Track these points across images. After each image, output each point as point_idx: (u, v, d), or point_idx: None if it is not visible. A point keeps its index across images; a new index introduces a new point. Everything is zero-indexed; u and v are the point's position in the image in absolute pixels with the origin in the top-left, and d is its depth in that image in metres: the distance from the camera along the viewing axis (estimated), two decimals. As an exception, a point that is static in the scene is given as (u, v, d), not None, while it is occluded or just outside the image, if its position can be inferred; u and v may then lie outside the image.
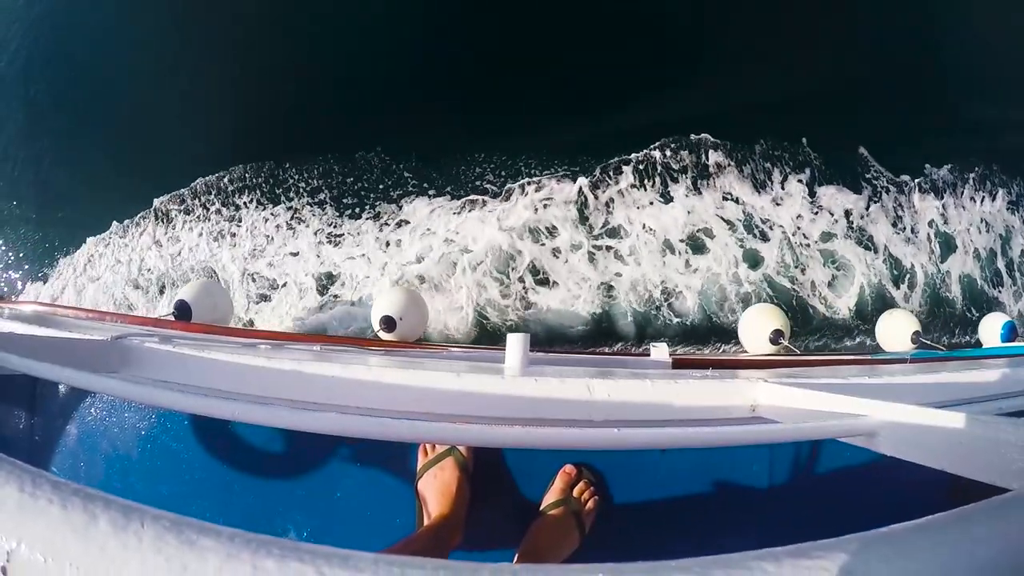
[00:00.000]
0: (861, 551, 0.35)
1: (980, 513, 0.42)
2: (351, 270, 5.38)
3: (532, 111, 5.91)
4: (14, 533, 0.32)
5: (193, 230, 5.91)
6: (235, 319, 4.75)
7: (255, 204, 5.85)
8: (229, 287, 5.35)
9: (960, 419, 0.74)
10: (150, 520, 0.31)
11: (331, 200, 5.73)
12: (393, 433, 0.70)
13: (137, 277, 5.88)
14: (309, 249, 5.54)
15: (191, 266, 5.75)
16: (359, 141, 5.92)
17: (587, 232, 5.40)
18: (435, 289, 5.14)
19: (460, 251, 5.28)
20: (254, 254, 5.63)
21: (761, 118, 5.90)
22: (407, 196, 5.63)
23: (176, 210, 6.03)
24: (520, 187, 5.52)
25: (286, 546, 0.30)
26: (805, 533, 0.38)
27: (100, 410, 1.57)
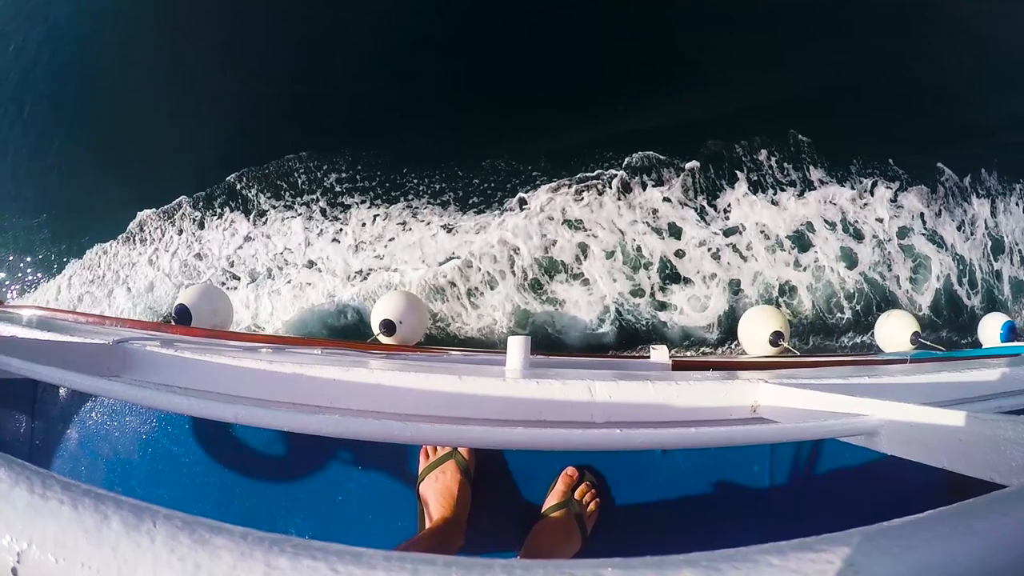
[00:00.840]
0: (864, 544, 0.35)
1: (980, 507, 0.43)
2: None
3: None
4: (24, 534, 0.32)
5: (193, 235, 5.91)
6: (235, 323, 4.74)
7: (282, 205, 5.86)
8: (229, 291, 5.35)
9: (960, 417, 0.74)
10: (162, 519, 0.31)
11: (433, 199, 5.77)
12: (395, 435, 0.70)
13: (139, 282, 5.88)
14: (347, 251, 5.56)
15: (192, 270, 5.76)
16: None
17: (712, 230, 5.51)
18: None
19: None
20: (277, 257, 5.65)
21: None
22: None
23: (179, 214, 6.04)
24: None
25: (299, 544, 0.30)
26: (807, 532, 0.39)
27: (101, 413, 1.57)
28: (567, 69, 6.12)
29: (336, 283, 5.35)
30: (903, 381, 1.27)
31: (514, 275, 5.21)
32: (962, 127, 6.42)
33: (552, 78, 6.09)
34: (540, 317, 5.11)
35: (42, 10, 7.72)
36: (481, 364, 1.71)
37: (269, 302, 5.36)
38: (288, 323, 5.23)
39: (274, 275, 5.52)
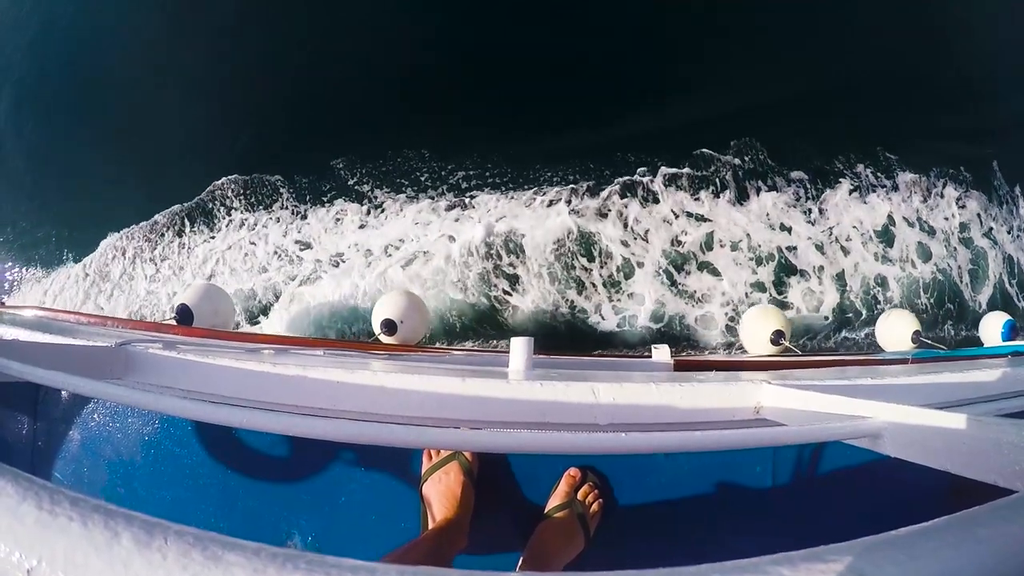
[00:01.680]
0: (872, 554, 0.36)
1: (986, 515, 0.43)
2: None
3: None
4: (34, 551, 0.32)
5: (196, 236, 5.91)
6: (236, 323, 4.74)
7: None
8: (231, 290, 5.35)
9: (963, 420, 0.74)
10: (174, 536, 0.31)
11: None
12: (400, 440, 0.70)
13: (142, 282, 5.88)
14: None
15: (193, 270, 5.76)
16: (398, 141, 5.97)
17: (821, 230, 5.62)
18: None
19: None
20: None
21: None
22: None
23: (179, 216, 6.04)
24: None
25: (312, 560, 0.30)
26: (810, 534, 0.39)
27: (103, 415, 1.57)
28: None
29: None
30: (905, 382, 1.27)
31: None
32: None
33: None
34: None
35: (45, 6, 7.73)
36: (484, 365, 1.71)
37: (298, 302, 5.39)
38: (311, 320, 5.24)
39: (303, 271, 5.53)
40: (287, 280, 5.49)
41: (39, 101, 7.25)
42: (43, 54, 7.41)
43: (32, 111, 7.23)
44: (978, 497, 0.50)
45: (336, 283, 5.34)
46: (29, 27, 7.69)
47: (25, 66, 7.48)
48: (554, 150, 5.74)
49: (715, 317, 5.26)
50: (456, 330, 5.08)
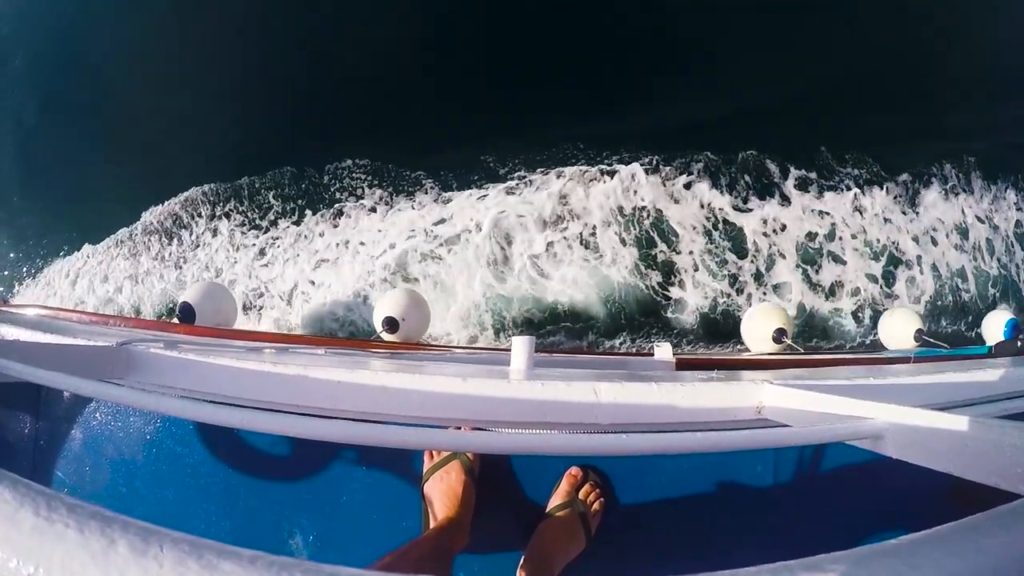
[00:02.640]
0: (872, 563, 0.35)
1: (988, 523, 0.43)
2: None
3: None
4: (31, 558, 0.32)
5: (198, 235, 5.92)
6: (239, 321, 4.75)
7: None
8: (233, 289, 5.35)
9: (965, 422, 0.74)
10: (170, 544, 0.31)
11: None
12: (401, 441, 0.70)
13: (140, 282, 5.89)
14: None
15: (195, 270, 5.77)
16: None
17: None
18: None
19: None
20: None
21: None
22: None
23: (182, 216, 6.04)
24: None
25: (308, 568, 0.30)
26: (811, 535, 0.39)
27: (105, 415, 1.57)
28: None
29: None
30: (908, 382, 1.27)
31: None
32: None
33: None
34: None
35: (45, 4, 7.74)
36: (485, 364, 1.71)
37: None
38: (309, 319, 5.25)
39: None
40: (288, 278, 5.49)
41: (39, 100, 7.25)
42: (43, 54, 7.41)
43: (32, 109, 7.22)
44: (980, 499, 0.50)
45: (341, 281, 5.34)
46: (30, 25, 7.71)
47: (25, 66, 7.48)
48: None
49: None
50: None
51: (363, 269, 5.35)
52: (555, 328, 5.09)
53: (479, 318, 5.11)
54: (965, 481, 0.71)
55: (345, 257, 5.46)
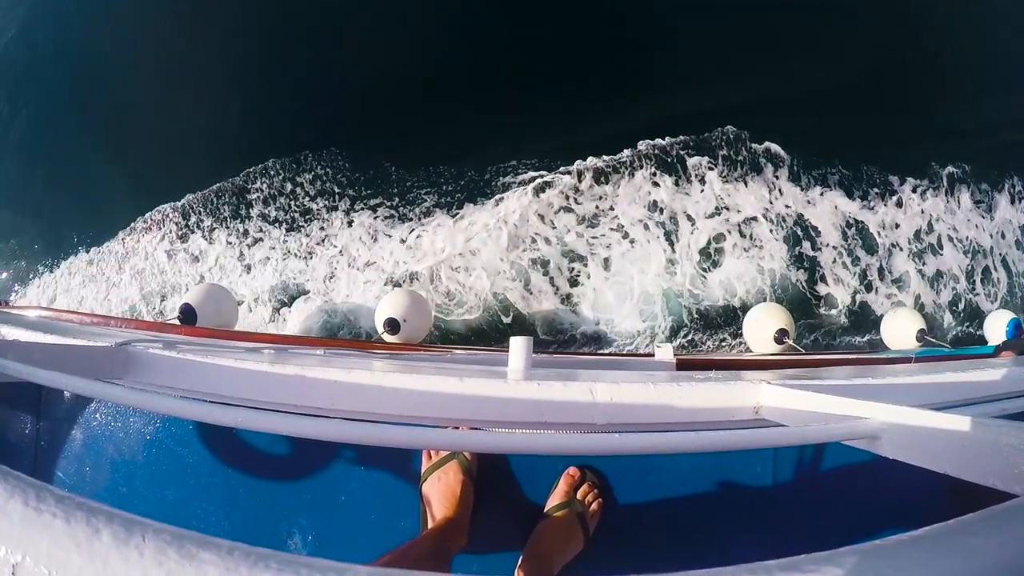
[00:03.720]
0: (855, 565, 0.35)
1: (979, 523, 0.42)
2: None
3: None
4: (19, 546, 0.33)
5: (200, 236, 5.93)
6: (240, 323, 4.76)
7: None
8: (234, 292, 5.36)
9: (962, 422, 0.74)
10: (151, 534, 0.31)
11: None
12: (398, 440, 0.70)
13: (142, 282, 5.90)
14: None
15: (197, 271, 5.78)
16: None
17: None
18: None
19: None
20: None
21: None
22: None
23: (183, 215, 6.06)
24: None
25: (283, 560, 0.30)
26: (808, 535, 0.39)
27: (106, 415, 1.57)
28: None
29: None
30: (906, 382, 1.27)
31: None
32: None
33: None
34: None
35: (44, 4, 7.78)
36: (484, 364, 1.71)
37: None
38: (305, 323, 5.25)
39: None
40: (291, 280, 5.49)
41: (40, 99, 7.28)
42: (44, 53, 7.45)
43: (33, 108, 7.26)
44: (977, 499, 0.49)
45: (343, 284, 5.35)
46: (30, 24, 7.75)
47: (25, 65, 7.52)
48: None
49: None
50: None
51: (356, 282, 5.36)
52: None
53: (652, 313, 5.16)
54: (962, 482, 0.71)
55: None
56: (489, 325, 5.06)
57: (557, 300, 5.19)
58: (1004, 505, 0.47)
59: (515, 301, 5.15)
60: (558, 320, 5.11)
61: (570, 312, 5.14)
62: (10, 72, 7.51)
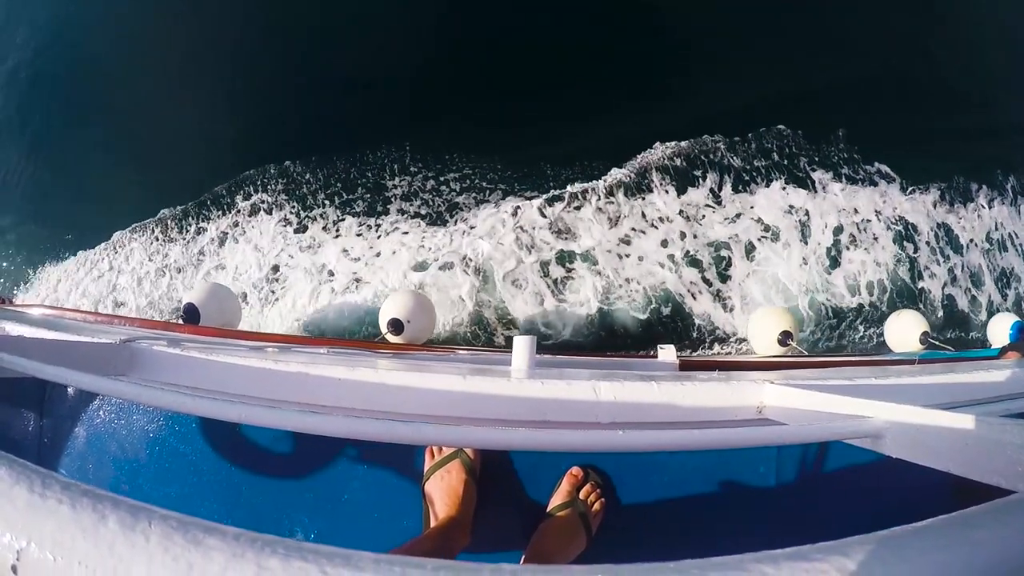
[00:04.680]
0: (860, 554, 0.35)
1: (981, 516, 0.42)
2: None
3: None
4: (24, 532, 0.33)
5: (202, 235, 5.95)
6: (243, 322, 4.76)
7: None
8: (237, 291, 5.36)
9: (966, 420, 0.74)
10: (158, 520, 0.32)
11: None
12: (401, 436, 0.70)
13: (144, 281, 5.92)
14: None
15: (199, 270, 5.79)
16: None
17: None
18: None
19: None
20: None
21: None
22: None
23: (183, 216, 6.07)
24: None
25: (290, 546, 0.30)
26: (812, 534, 0.38)
27: (108, 412, 1.58)
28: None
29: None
30: (910, 382, 1.27)
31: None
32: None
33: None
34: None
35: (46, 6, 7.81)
36: (487, 364, 1.71)
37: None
38: (301, 322, 5.25)
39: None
40: (294, 282, 5.50)
41: (40, 99, 7.31)
42: (43, 54, 7.48)
43: (34, 109, 7.29)
44: (980, 498, 0.49)
45: (345, 285, 5.35)
46: (30, 24, 7.78)
47: (26, 66, 7.55)
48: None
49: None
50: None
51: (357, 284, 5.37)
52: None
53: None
54: (966, 480, 0.71)
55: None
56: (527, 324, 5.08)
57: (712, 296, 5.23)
58: (1007, 499, 0.47)
59: (677, 293, 5.20)
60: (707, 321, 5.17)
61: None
62: (15, 75, 7.54)
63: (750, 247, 5.39)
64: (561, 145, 5.78)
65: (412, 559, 0.31)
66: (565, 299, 5.14)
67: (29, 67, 7.52)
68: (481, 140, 5.81)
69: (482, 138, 5.82)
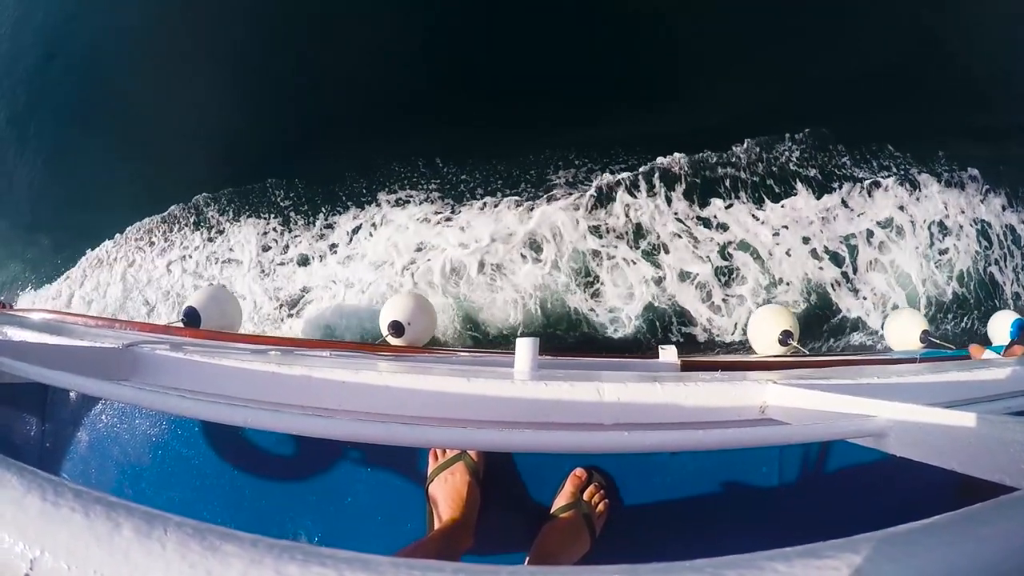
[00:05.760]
0: (870, 551, 0.35)
1: (987, 513, 0.43)
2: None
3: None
4: (37, 541, 0.33)
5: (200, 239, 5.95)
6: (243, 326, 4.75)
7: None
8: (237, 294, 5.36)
9: (969, 418, 0.74)
10: (173, 527, 0.31)
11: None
12: (405, 439, 0.70)
13: (144, 287, 5.92)
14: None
15: (199, 275, 5.79)
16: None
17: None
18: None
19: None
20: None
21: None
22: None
23: (183, 220, 6.07)
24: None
25: (308, 551, 0.30)
26: (816, 534, 0.39)
27: (111, 417, 1.57)
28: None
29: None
30: (912, 381, 1.27)
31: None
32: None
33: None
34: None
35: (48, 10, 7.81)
36: (489, 366, 1.71)
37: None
38: (305, 325, 5.24)
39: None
40: (295, 284, 5.50)
41: (43, 100, 7.31)
42: (46, 53, 7.48)
43: (36, 112, 7.29)
44: (984, 495, 0.49)
45: (345, 288, 5.35)
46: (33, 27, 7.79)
47: (27, 65, 7.55)
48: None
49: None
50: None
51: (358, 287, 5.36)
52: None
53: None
54: (970, 478, 0.71)
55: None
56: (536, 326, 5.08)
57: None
58: (1012, 495, 0.47)
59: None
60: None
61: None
62: (16, 77, 7.54)
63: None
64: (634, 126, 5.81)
65: (430, 562, 0.31)
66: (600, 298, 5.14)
67: (27, 77, 7.52)
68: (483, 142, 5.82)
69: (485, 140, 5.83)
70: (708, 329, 5.09)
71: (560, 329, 5.06)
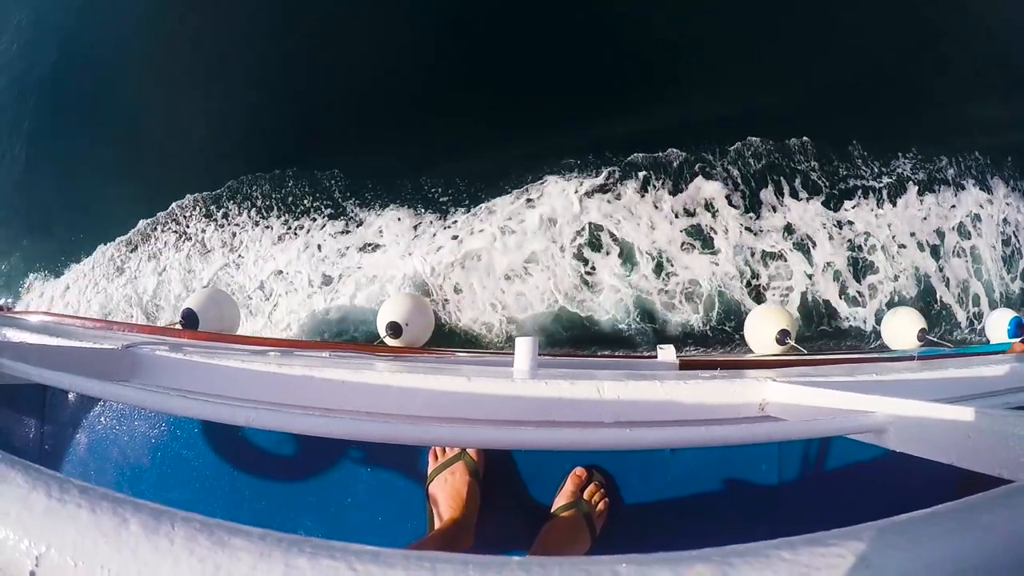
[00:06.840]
0: (875, 539, 0.36)
1: (989, 502, 0.43)
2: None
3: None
4: (43, 538, 0.33)
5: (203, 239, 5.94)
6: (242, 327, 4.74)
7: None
8: (235, 295, 5.36)
9: (968, 413, 0.74)
10: (181, 522, 0.32)
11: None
12: (405, 437, 0.70)
13: (143, 288, 5.90)
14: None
15: (198, 276, 5.78)
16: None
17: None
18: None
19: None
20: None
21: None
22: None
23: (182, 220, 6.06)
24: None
25: (318, 544, 0.30)
26: (816, 530, 0.39)
27: (110, 417, 1.57)
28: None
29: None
30: (910, 378, 1.27)
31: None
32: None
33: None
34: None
35: (48, 13, 7.79)
36: (489, 365, 1.71)
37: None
38: (300, 326, 5.23)
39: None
40: (293, 286, 5.50)
41: (44, 101, 7.30)
42: (45, 54, 7.47)
43: (37, 111, 7.28)
44: (983, 490, 0.50)
45: (343, 289, 5.35)
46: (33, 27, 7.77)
47: (27, 66, 7.54)
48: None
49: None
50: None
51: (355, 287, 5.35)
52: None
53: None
54: (969, 473, 0.71)
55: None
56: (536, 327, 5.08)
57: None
58: (1014, 485, 0.48)
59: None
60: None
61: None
62: (16, 77, 7.52)
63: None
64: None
65: (440, 554, 0.31)
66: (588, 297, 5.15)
67: (23, 79, 7.51)
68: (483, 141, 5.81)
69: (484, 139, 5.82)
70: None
71: (560, 329, 5.06)
